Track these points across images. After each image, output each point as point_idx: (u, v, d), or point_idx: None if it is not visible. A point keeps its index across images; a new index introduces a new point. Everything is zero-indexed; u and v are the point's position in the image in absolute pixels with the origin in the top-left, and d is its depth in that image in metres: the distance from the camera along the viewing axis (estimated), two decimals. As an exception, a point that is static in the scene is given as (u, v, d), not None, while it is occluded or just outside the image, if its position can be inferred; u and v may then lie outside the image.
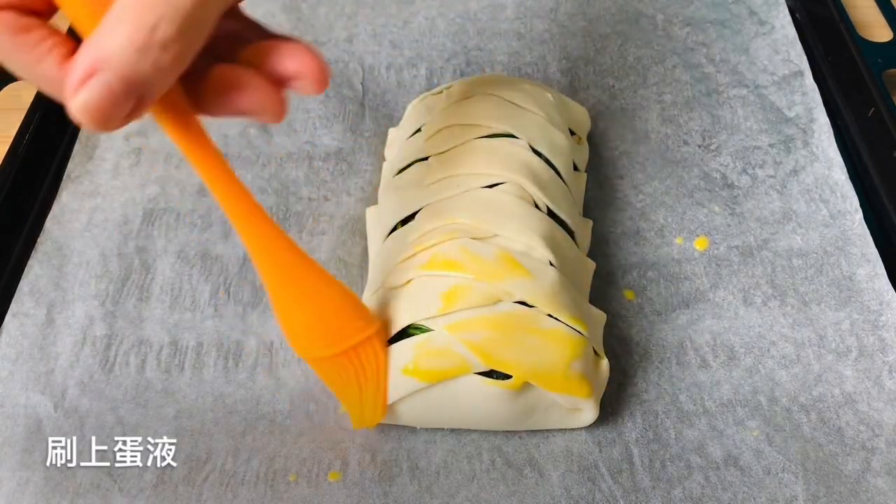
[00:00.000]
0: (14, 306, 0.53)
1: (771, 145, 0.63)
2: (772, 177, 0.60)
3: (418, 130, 0.57)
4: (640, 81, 0.68)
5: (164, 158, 0.62)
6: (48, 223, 0.57)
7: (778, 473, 0.46)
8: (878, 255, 0.55)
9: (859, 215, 0.57)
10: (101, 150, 0.62)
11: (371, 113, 0.66)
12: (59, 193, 0.59)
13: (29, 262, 0.55)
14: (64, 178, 0.60)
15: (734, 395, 0.49)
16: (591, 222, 0.56)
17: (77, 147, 0.62)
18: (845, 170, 0.60)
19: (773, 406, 0.48)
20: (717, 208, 0.59)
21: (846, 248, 0.55)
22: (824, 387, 0.49)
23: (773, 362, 0.50)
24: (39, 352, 0.50)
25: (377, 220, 0.55)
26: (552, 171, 0.53)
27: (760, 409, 0.48)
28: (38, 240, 0.56)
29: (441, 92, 0.59)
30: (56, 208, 0.58)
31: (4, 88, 0.65)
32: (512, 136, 0.52)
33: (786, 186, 0.60)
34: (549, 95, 0.58)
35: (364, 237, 0.57)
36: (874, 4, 0.72)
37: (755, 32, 0.71)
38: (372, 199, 0.59)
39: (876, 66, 0.65)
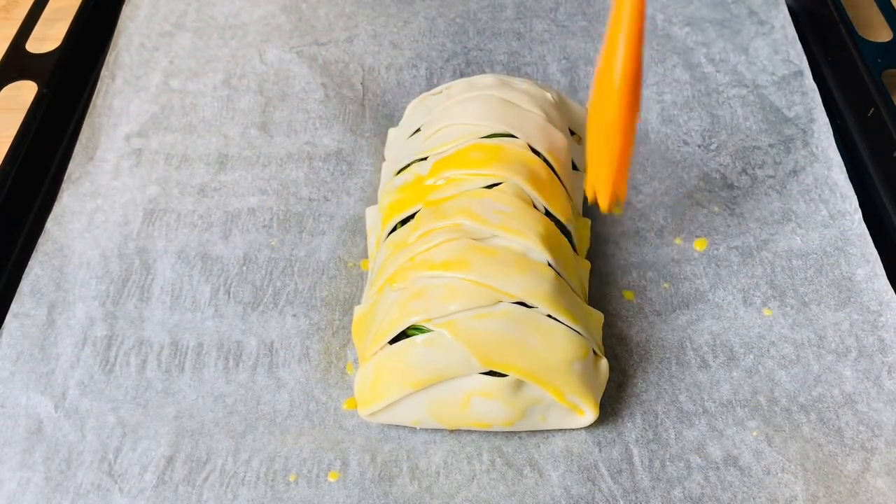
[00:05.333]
0: (15, 307, 0.53)
1: (770, 145, 0.63)
2: (771, 177, 0.60)
3: (418, 130, 0.57)
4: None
5: (164, 159, 0.62)
6: (49, 224, 0.57)
7: (777, 473, 0.46)
8: (878, 256, 0.55)
9: (859, 215, 0.57)
10: (101, 150, 0.63)
11: (371, 113, 0.66)
12: (59, 194, 0.59)
13: (30, 263, 0.55)
14: (65, 179, 0.60)
15: (734, 396, 0.49)
16: (589, 222, 0.57)
17: (77, 148, 0.62)
18: (845, 170, 0.60)
19: (772, 406, 0.48)
20: (716, 209, 0.59)
21: (846, 248, 0.56)
22: (824, 387, 0.49)
23: (772, 362, 0.50)
24: (40, 352, 0.51)
25: (377, 219, 0.55)
26: (551, 171, 0.53)
27: (760, 409, 0.48)
28: (39, 240, 0.56)
29: (441, 92, 0.59)
30: (57, 209, 0.58)
31: (4, 88, 0.65)
32: (511, 135, 0.53)
33: (785, 187, 0.60)
34: (549, 95, 0.58)
35: (364, 237, 0.57)
36: (874, 4, 0.72)
37: (755, 32, 0.71)
38: (372, 199, 0.60)
39: (876, 66, 0.65)
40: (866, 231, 0.56)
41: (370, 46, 0.71)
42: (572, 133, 0.60)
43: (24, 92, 0.65)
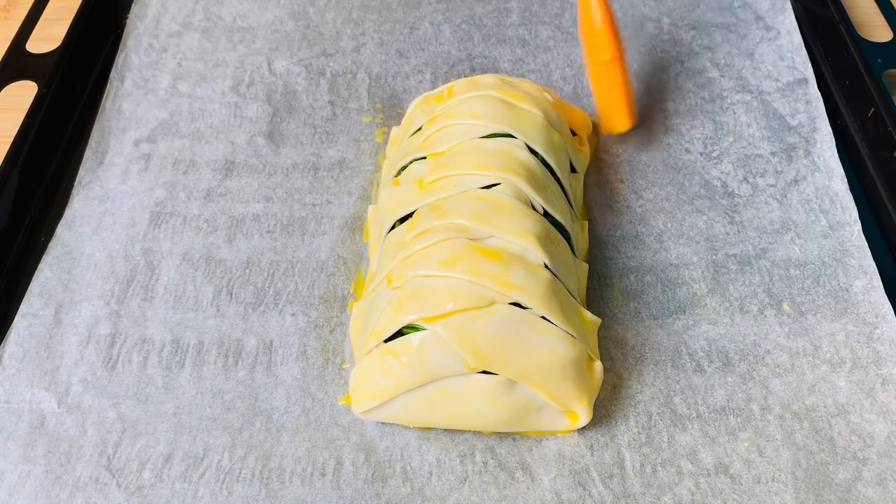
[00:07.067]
0: (24, 307, 0.54)
1: (773, 153, 0.62)
2: (772, 186, 0.60)
3: (419, 130, 0.57)
4: (643, 89, 0.68)
5: (171, 164, 0.63)
6: (59, 229, 0.58)
7: (768, 482, 0.46)
8: (876, 268, 0.55)
9: (858, 227, 0.57)
10: (111, 155, 0.64)
11: (376, 122, 0.67)
12: (70, 199, 0.60)
13: (39, 266, 0.56)
14: (75, 184, 0.61)
15: (727, 402, 0.49)
16: (587, 224, 0.57)
17: (87, 153, 0.63)
18: (846, 180, 0.60)
19: (765, 414, 0.48)
20: (716, 216, 0.59)
21: (844, 259, 0.55)
22: (817, 397, 0.49)
23: (767, 370, 0.50)
24: (46, 350, 0.52)
25: (377, 218, 0.56)
26: (549, 172, 0.53)
27: (753, 418, 0.48)
28: (49, 244, 0.57)
29: (442, 92, 0.59)
30: (68, 214, 0.59)
31: (4, 88, 0.66)
32: (510, 135, 0.53)
33: (786, 196, 0.60)
34: (549, 95, 0.58)
35: (363, 235, 0.58)
36: (874, 4, 0.72)
37: (761, 38, 0.71)
38: (372, 198, 0.60)
39: (876, 66, 0.65)
40: (865, 243, 0.56)
41: (377, 55, 0.72)
42: (573, 133, 0.60)
43: (24, 92, 0.65)
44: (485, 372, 0.45)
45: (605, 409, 0.49)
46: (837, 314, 0.53)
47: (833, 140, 0.62)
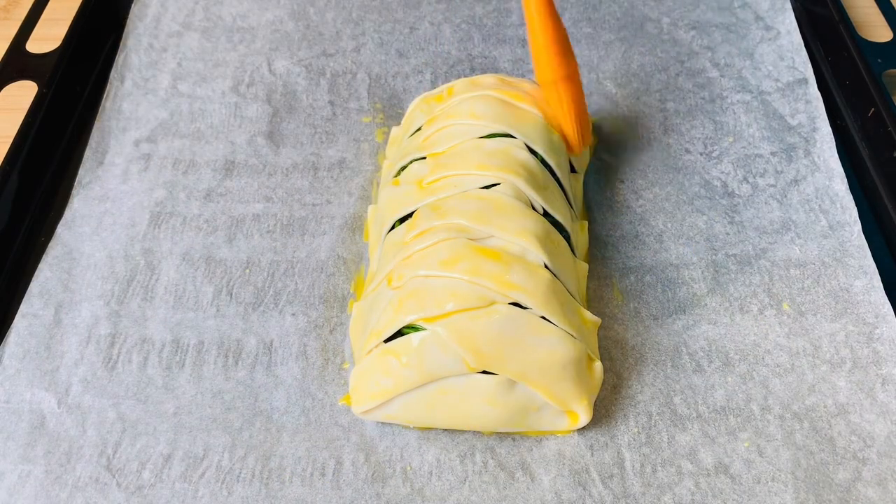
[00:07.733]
0: (24, 307, 0.54)
1: (773, 153, 0.62)
2: (772, 186, 0.60)
3: (418, 130, 0.58)
4: (643, 89, 0.68)
5: (171, 164, 0.63)
6: (59, 229, 0.59)
7: (768, 482, 0.46)
8: (876, 268, 0.55)
9: (858, 227, 0.57)
10: (111, 155, 0.64)
11: (376, 122, 0.67)
12: (70, 199, 0.60)
13: (39, 266, 0.56)
14: (75, 184, 0.62)
15: (727, 402, 0.49)
16: (587, 224, 0.57)
17: (87, 153, 0.64)
18: (846, 181, 0.60)
19: (765, 414, 0.49)
20: (716, 216, 0.59)
21: (844, 259, 0.55)
22: (817, 397, 0.49)
23: (767, 370, 0.51)
24: (46, 350, 0.52)
25: (377, 218, 0.56)
26: (549, 172, 0.53)
27: (753, 418, 0.48)
28: (49, 244, 0.58)
29: (441, 92, 0.59)
30: (68, 214, 0.60)
31: (4, 88, 0.66)
32: (510, 135, 0.53)
33: (786, 196, 0.60)
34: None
35: (363, 234, 0.58)
36: (874, 4, 0.72)
37: (760, 38, 0.71)
38: (372, 198, 0.60)
39: (876, 66, 0.65)
40: (865, 243, 0.56)
41: (377, 55, 0.72)
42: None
43: (24, 92, 0.65)
44: (485, 372, 0.45)
45: (605, 409, 0.49)
46: (837, 314, 0.53)
47: (833, 140, 0.62)
